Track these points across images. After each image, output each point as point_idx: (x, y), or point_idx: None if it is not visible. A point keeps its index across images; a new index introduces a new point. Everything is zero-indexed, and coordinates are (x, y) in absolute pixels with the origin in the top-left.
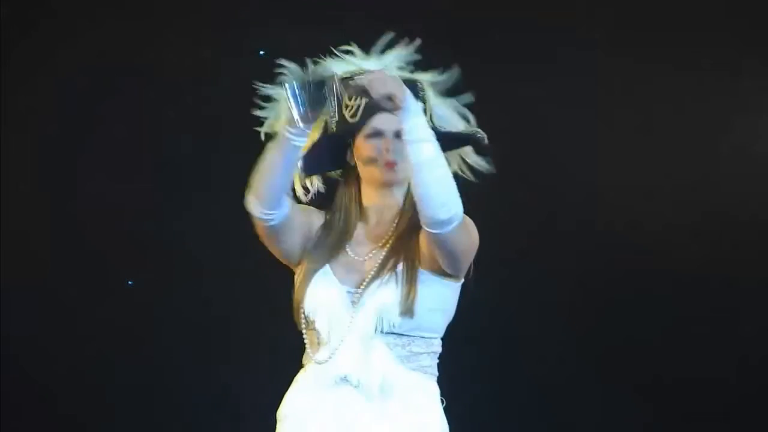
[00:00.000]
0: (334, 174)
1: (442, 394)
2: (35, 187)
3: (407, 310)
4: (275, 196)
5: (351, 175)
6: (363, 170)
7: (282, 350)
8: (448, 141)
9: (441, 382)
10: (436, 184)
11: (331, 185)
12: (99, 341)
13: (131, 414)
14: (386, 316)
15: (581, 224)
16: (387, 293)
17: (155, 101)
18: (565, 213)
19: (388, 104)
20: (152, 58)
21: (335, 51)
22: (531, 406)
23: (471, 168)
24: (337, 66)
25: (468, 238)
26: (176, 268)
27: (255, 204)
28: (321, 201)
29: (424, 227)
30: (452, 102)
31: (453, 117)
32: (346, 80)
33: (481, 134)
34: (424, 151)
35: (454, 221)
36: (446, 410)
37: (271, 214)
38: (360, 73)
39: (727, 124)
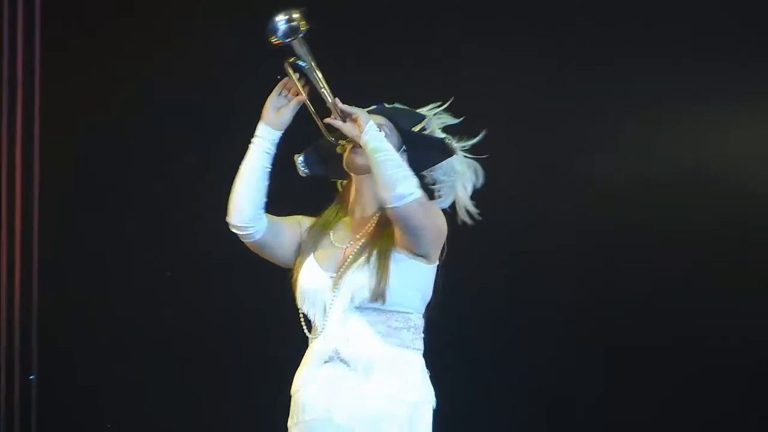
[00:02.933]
0: (339, 185)
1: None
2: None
3: (380, 290)
4: (247, 207)
5: (348, 181)
6: (345, 162)
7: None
8: (425, 148)
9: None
10: (383, 167)
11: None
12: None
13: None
14: (358, 296)
15: (580, 224)
16: (360, 275)
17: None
18: (566, 213)
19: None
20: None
21: None
22: (530, 405)
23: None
24: None
25: (425, 215)
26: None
27: (230, 217)
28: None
29: (384, 205)
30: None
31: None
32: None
33: (450, 140)
34: (371, 143)
35: (404, 197)
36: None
37: (247, 228)
38: None
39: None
